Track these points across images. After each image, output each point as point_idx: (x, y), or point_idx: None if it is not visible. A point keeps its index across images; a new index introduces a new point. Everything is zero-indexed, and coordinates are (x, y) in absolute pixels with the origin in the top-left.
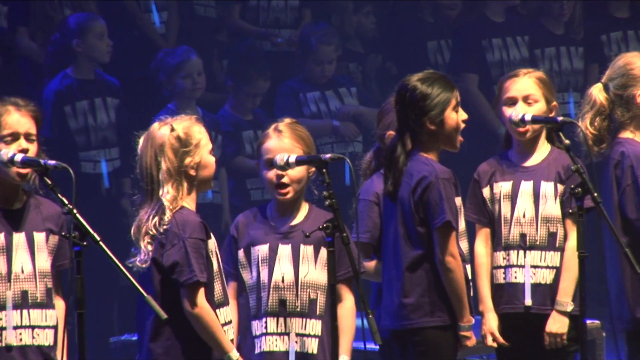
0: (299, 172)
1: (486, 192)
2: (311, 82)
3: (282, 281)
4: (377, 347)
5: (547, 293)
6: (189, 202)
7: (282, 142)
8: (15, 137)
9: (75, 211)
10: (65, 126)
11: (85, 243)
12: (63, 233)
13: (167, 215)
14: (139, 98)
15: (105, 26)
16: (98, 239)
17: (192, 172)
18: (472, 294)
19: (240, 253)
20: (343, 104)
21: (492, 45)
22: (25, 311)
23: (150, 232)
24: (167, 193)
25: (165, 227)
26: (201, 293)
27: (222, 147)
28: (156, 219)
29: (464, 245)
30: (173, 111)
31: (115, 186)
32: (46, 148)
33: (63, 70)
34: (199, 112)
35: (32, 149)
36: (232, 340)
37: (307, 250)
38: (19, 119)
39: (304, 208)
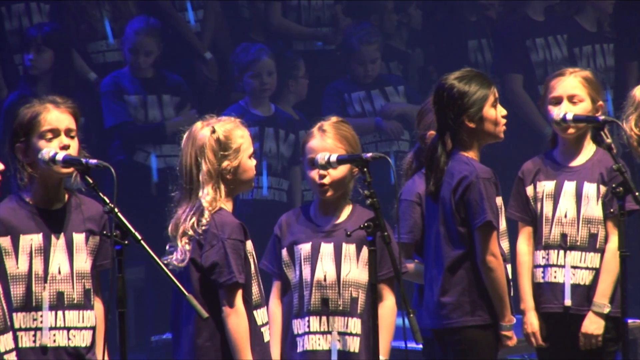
0: (340, 171)
1: (529, 190)
2: (356, 82)
3: (325, 280)
4: (420, 346)
5: (585, 294)
6: (226, 204)
7: (325, 142)
8: (55, 133)
9: (116, 210)
10: (124, 114)
11: (126, 242)
12: (104, 232)
13: (206, 216)
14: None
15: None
16: (139, 237)
17: (229, 176)
18: (512, 294)
19: (284, 252)
20: (388, 103)
21: (535, 45)
22: (60, 312)
23: (189, 233)
24: (207, 194)
25: (203, 227)
26: (239, 294)
27: (294, 146)
28: (194, 219)
29: (505, 244)
30: (243, 108)
31: (165, 182)
32: (85, 146)
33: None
34: (272, 108)
35: (74, 145)
36: (267, 342)
37: (349, 248)
38: (59, 116)
39: (348, 207)
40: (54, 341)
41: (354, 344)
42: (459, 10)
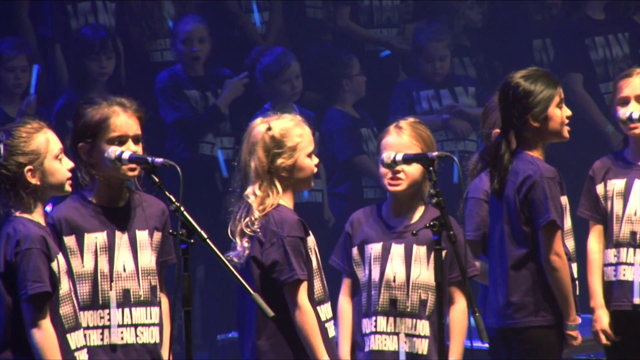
0: (415, 168)
1: (600, 188)
2: (425, 80)
3: (394, 281)
4: (486, 345)
5: None
6: (286, 200)
7: (401, 139)
8: (123, 140)
9: (182, 209)
10: (185, 109)
11: (192, 241)
12: (170, 231)
13: (256, 216)
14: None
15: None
16: (205, 236)
17: (284, 174)
18: (578, 293)
19: (354, 250)
20: (457, 103)
21: (595, 44)
22: (127, 310)
23: (246, 232)
24: (252, 193)
25: (255, 227)
26: (303, 291)
27: (319, 144)
28: (247, 219)
29: (570, 243)
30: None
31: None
32: (146, 145)
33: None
34: (295, 109)
35: (139, 150)
36: (332, 338)
37: (419, 250)
38: (127, 121)
39: (420, 208)
40: (122, 339)
41: (422, 346)
42: (524, 10)
